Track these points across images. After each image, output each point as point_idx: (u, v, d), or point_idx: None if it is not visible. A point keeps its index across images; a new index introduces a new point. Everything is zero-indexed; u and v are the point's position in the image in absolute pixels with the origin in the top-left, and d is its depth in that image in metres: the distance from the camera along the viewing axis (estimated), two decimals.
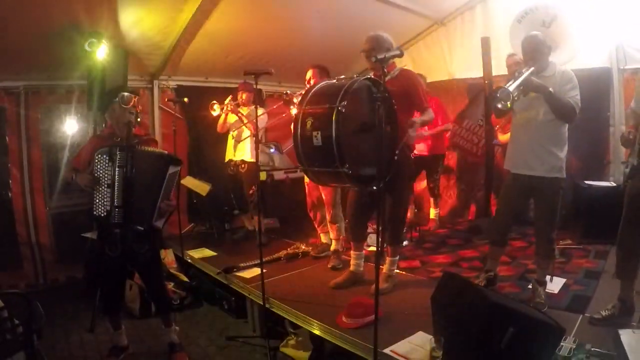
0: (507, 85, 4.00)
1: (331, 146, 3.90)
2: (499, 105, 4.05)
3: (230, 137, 7.20)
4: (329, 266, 5.82)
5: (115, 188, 4.08)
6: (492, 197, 7.04)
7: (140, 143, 4.30)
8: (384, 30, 4.85)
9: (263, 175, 7.14)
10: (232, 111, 6.84)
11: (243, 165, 7.03)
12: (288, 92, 5.89)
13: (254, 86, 4.73)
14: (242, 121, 6.80)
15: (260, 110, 6.34)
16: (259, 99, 5.32)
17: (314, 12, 6.93)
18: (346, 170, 3.89)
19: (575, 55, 5.70)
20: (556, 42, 4.49)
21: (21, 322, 3.58)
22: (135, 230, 4.21)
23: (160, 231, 4.61)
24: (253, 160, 6.86)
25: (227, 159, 7.28)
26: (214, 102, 6.97)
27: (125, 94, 4.32)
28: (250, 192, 7.01)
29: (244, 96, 7.03)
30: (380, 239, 4.02)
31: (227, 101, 6.94)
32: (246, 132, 6.95)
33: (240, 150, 7.07)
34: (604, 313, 3.95)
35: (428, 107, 4.80)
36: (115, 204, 4.09)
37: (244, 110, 6.95)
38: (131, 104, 4.32)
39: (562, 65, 4.48)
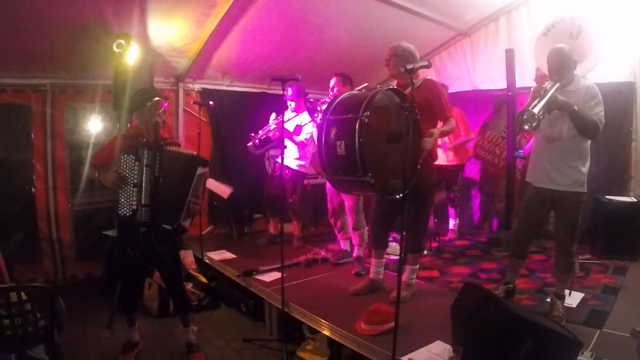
0: (532, 106, 3.98)
1: (354, 155, 3.91)
2: (526, 127, 4.04)
3: None
4: (353, 272, 5.85)
5: (143, 187, 4.14)
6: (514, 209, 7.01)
7: (166, 145, 4.34)
8: (409, 40, 4.88)
9: None
10: (279, 130, 6.77)
11: (287, 171, 7.02)
12: (312, 99, 5.91)
13: (282, 92, 4.75)
14: (292, 139, 6.81)
15: (307, 119, 6.41)
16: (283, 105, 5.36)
17: (340, 20, 6.96)
18: (369, 180, 3.90)
19: (597, 64, 5.69)
20: (584, 54, 4.46)
21: (43, 316, 3.62)
22: (162, 229, 4.26)
23: (186, 231, 4.64)
24: (297, 168, 7.03)
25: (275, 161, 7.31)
26: (252, 135, 6.99)
27: (158, 98, 4.38)
28: (291, 200, 7.03)
29: (293, 104, 6.98)
30: (402, 248, 4.04)
31: (271, 120, 6.95)
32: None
33: (287, 155, 6.91)
34: None
35: (450, 116, 4.82)
36: (143, 202, 4.15)
37: (295, 119, 6.92)
38: (162, 109, 4.38)
39: (585, 75, 4.47)
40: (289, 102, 7.00)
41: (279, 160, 6.77)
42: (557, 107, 4.08)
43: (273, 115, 6.98)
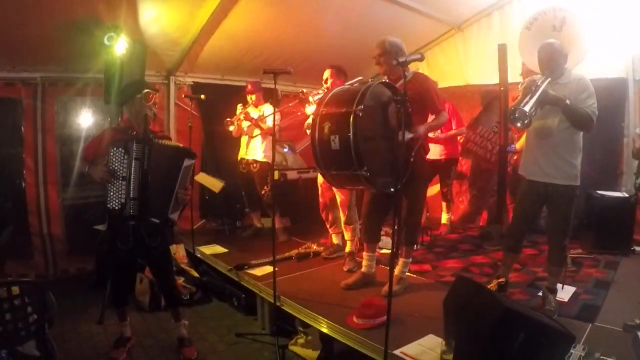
0: (523, 104, 3.98)
1: (349, 150, 3.91)
2: (518, 125, 4.04)
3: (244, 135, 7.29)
4: (345, 269, 5.82)
5: (132, 180, 4.10)
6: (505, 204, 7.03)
7: (156, 138, 4.32)
8: (401, 34, 4.88)
9: (276, 175, 7.17)
10: (246, 119, 6.90)
11: (255, 165, 7.06)
12: (304, 90, 5.91)
13: (274, 85, 4.74)
14: (259, 127, 6.89)
15: (271, 109, 6.46)
16: (274, 98, 5.38)
17: (332, 13, 6.95)
18: (364, 173, 3.90)
19: (584, 58, 5.69)
20: (570, 46, 4.46)
21: (34, 311, 3.60)
22: (150, 222, 4.23)
23: (175, 224, 4.62)
24: (265, 160, 6.97)
25: (239, 157, 7.33)
26: (227, 120, 7.12)
27: (147, 90, 4.35)
28: (263, 192, 7.04)
29: (253, 97, 7.15)
30: (394, 241, 4.04)
31: (238, 111, 7.08)
32: (257, 130, 7.05)
33: (252, 149, 7.13)
34: (638, 320, 3.94)
35: (442, 109, 4.82)
36: (131, 195, 4.11)
37: (256, 111, 7.08)
38: (151, 101, 4.36)
39: (573, 68, 4.46)
40: (249, 97, 7.18)
41: (244, 156, 7.24)
42: (549, 103, 4.08)
43: (239, 107, 7.14)
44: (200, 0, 6.08)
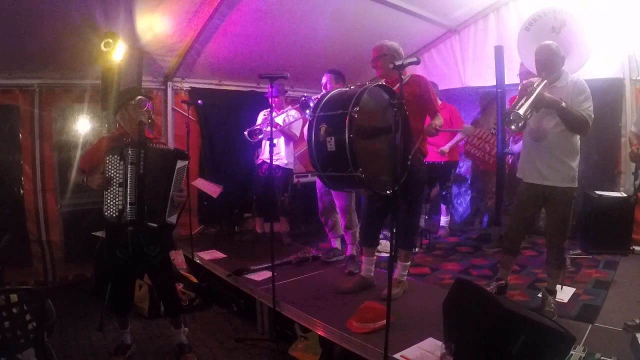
0: (518, 107, 3.99)
1: (344, 151, 3.91)
2: (513, 127, 4.05)
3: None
4: (346, 272, 5.83)
5: (128, 185, 4.07)
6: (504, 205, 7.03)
7: (150, 143, 4.28)
8: (398, 37, 4.91)
9: None
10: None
11: (278, 170, 7.06)
12: (305, 95, 5.91)
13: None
14: (284, 133, 6.93)
15: (295, 114, 6.46)
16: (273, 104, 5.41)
17: (328, 17, 6.94)
18: (359, 175, 3.90)
19: (586, 61, 5.69)
20: (567, 48, 4.47)
21: (33, 318, 3.59)
22: (148, 228, 4.21)
23: (173, 228, 4.60)
24: (288, 167, 7.13)
25: (260, 160, 7.33)
26: (256, 129, 7.12)
27: (140, 97, 4.33)
28: (282, 198, 7.05)
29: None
30: (392, 244, 4.03)
31: (260, 120, 7.17)
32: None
33: (276, 155, 7.04)
34: (637, 320, 3.95)
35: (438, 111, 4.83)
36: (129, 200, 4.08)
37: (282, 116, 7.06)
38: (145, 108, 4.33)
39: (574, 72, 4.47)
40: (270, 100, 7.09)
41: (266, 160, 6.97)
42: (544, 106, 4.08)
43: (262, 113, 7.16)
44: (197, 6, 6.07)
